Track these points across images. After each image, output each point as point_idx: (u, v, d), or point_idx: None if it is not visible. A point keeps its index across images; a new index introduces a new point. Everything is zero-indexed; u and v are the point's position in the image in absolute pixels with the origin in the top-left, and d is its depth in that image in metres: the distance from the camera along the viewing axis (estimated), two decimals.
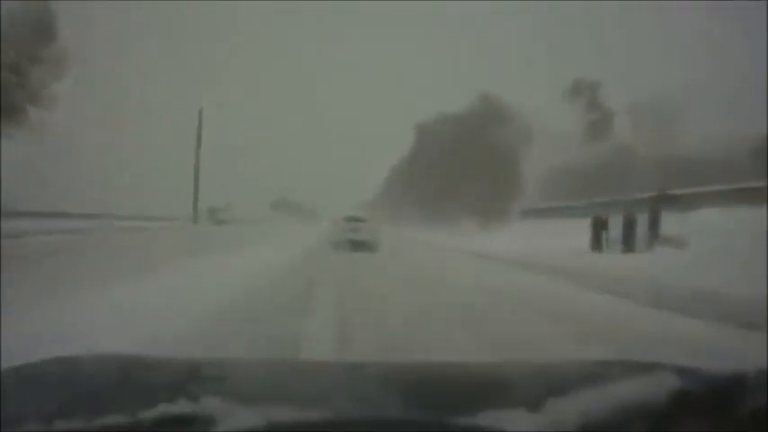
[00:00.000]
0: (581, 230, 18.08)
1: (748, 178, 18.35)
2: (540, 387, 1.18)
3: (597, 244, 17.64)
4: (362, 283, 9.81)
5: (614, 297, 8.23)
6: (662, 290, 8.69)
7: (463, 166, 40.66)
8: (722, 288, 8.10)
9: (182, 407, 0.79)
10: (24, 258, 8.99)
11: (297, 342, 4.68)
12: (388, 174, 61.58)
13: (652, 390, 0.83)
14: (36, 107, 24.91)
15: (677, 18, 30.97)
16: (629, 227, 16.80)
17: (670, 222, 16.09)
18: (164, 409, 0.78)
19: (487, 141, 40.76)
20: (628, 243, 16.49)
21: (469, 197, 40.53)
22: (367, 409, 1.04)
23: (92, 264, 8.63)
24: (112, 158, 36.87)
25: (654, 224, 16.48)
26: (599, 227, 17.93)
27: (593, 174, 32.81)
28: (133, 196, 32.57)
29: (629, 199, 20.61)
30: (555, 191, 35.26)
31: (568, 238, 18.12)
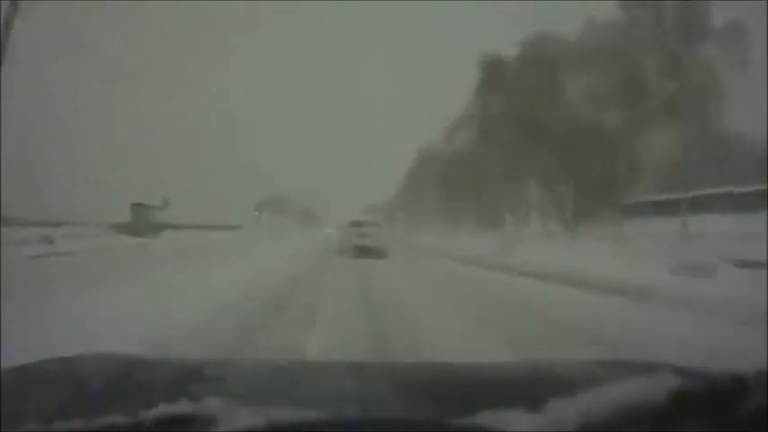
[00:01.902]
0: None
1: None
2: (540, 387, 1.18)
3: None
4: None
5: None
6: None
7: (530, 131, 26.09)
8: None
9: (182, 407, 0.79)
10: None
11: None
12: (414, 162, 49.49)
13: (652, 390, 0.83)
14: None
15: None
16: None
17: None
18: (164, 409, 0.78)
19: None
20: None
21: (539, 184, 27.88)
22: (367, 409, 1.04)
23: None
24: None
25: None
26: None
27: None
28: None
29: None
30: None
31: None
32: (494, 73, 30.36)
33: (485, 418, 0.78)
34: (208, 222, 36.30)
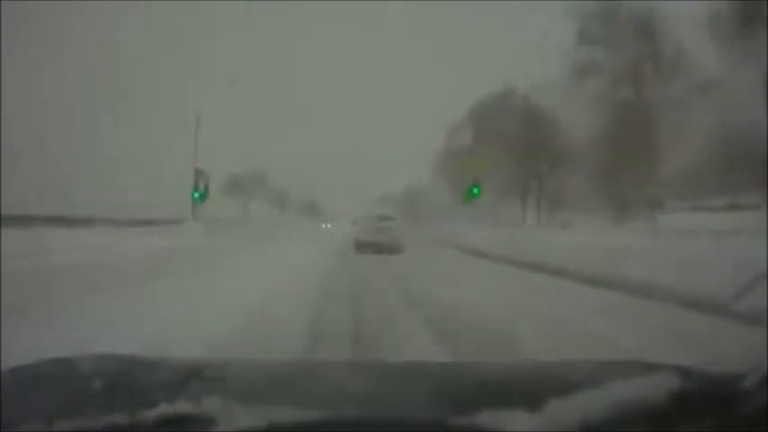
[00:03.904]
0: None
1: None
2: (540, 387, 1.18)
3: None
4: None
5: None
6: None
7: None
8: None
9: (182, 407, 0.79)
10: None
11: None
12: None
13: (652, 390, 0.83)
14: None
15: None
16: None
17: None
18: (164, 409, 0.78)
19: None
20: None
21: None
22: (367, 409, 1.04)
23: None
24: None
25: None
26: None
27: None
28: None
29: None
30: None
31: None
32: None
33: (485, 418, 0.78)
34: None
